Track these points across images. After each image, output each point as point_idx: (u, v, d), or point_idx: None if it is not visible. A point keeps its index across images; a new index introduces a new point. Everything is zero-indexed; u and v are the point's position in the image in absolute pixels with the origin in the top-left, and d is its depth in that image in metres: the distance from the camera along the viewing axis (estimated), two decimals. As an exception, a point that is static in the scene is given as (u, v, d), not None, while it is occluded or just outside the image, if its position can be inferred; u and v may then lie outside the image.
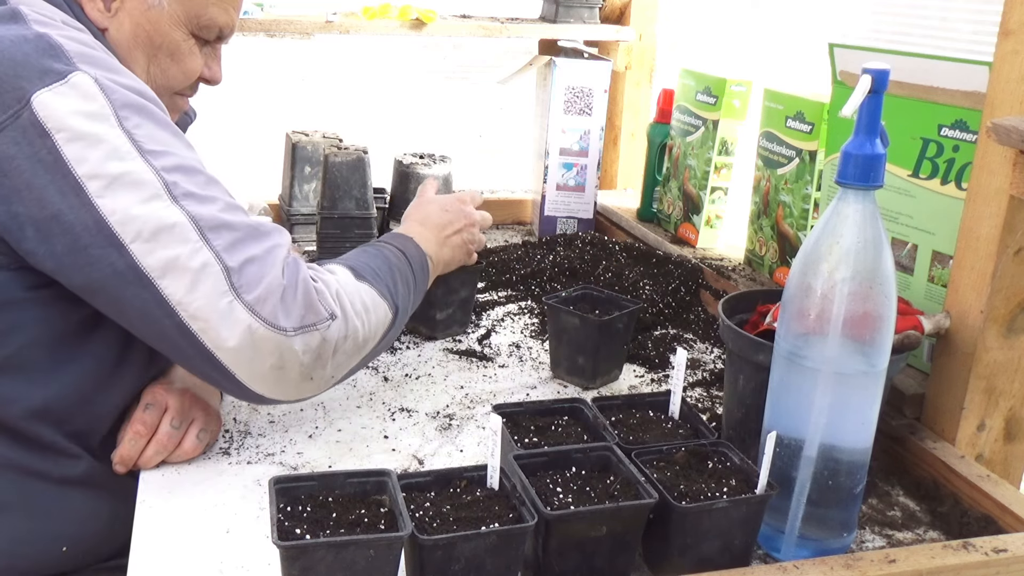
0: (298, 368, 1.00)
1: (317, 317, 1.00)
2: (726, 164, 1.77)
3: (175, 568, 0.92)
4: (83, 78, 0.96)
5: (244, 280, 0.96)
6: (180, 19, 1.14)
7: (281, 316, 0.98)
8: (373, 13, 1.94)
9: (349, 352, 1.05)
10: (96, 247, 0.94)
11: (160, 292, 0.95)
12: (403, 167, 1.89)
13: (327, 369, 1.03)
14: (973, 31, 3.15)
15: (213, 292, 0.95)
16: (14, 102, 0.93)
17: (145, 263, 0.94)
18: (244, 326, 0.96)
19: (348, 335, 1.04)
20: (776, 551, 0.98)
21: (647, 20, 2.14)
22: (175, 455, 1.09)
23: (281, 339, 0.97)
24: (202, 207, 0.97)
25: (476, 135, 3.96)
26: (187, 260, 0.95)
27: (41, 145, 0.93)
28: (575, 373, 1.34)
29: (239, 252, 0.97)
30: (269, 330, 0.97)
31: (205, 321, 0.95)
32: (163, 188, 0.96)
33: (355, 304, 1.06)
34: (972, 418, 1.13)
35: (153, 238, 0.94)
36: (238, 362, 0.98)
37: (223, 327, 0.96)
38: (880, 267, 0.89)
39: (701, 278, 1.66)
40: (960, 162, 1.18)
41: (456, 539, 0.82)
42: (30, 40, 0.96)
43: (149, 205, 0.95)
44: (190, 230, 0.96)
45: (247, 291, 0.96)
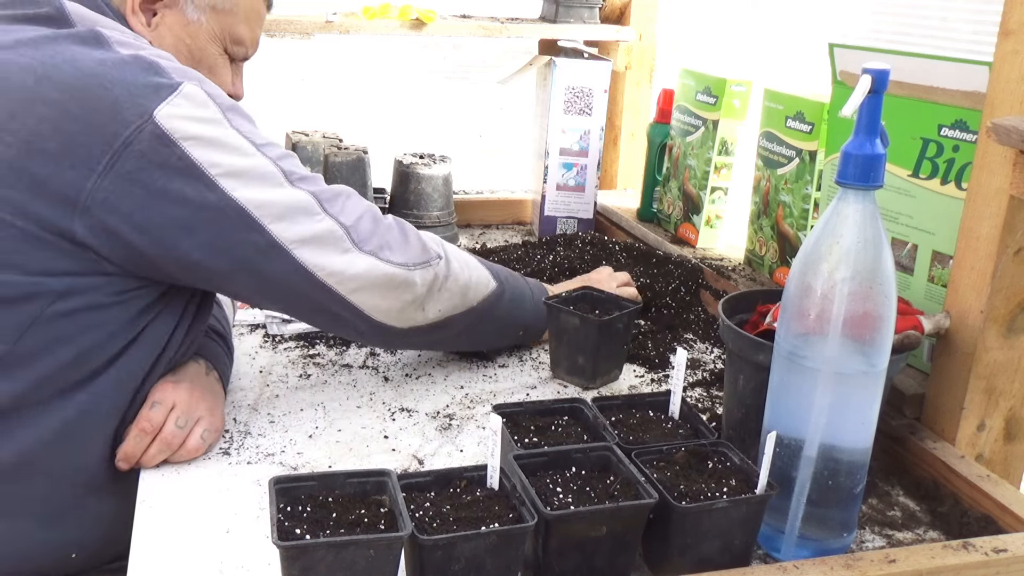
0: (416, 298, 1.17)
1: (428, 255, 1.18)
2: (726, 164, 1.77)
3: (175, 568, 0.92)
4: (192, 88, 1.04)
5: (362, 234, 1.12)
6: (216, 35, 1.22)
7: (401, 255, 1.15)
8: (373, 13, 1.94)
9: (452, 291, 1.21)
10: (239, 232, 1.04)
11: (298, 261, 1.07)
12: (403, 167, 1.89)
13: (434, 303, 1.20)
14: (973, 31, 3.15)
15: (341, 250, 1.10)
16: (136, 118, 1.00)
17: (283, 238, 1.06)
18: (372, 269, 1.11)
19: (450, 275, 1.20)
20: (776, 551, 0.98)
21: (647, 20, 2.14)
22: (178, 454, 1.09)
23: (406, 274, 1.14)
24: (313, 184, 1.11)
25: (476, 135, 3.96)
26: (316, 228, 1.08)
27: (170, 154, 1.01)
28: (575, 373, 1.34)
29: (351, 213, 1.12)
30: (394, 267, 1.13)
31: (340, 274, 1.10)
32: (282, 175, 1.08)
33: (456, 256, 1.23)
34: (972, 418, 1.13)
35: (285, 216, 1.06)
36: (369, 299, 1.13)
37: (356, 275, 1.10)
38: (880, 267, 0.89)
39: (701, 278, 1.66)
40: (960, 162, 1.18)
41: (456, 539, 0.82)
42: (130, 62, 1.03)
43: (277, 191, 1.07)
44: (314, 204, 1.09)
45: (366, 242, 1.12)
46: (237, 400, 1.25)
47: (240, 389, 1.28)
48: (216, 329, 1.26)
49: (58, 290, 1.01)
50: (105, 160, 0.99)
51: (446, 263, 1.20)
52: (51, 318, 1.01)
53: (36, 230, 0.99)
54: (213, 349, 1.22)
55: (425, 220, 1.90)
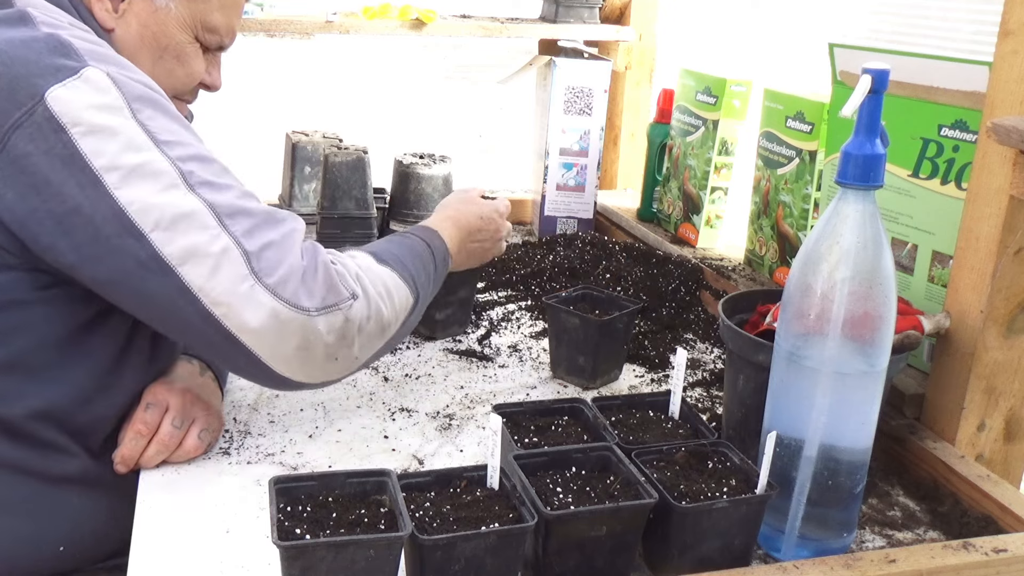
0: (323, 348, 1.01)
1: (339, 297, 1.01)
2: (726, 164, 1.77)
3: (175, 568, 0.92)
4: (95, 72, 0.96)
5: (264, 264, 0.97)
6: (186, 22, 1.15)
7: (303, 296, 0.99)
8: (373, 13, 1.94)
9: (373, 333, 1.06)
10: (116, 238, 0.95)
11: (181, 279, 0.95)
12: (403, 167, 1.89)
13: (352, 349, 1.04)
14: (973, 31, 3.16)
15: (234, 276, 0.96)
16: (28, 99, 0.94)
17: (166, 251, 0.95)
18: (267, 308, 0.97)
19: (371, 315, 1.04)
20: (776, 551, 0.98)
21: (647, 20, 2.14)
22: (176, 454, 1.09)
23: (304, 319, 0.98)
24: (219, 195, 0.98)
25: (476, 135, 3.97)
26: (207, 246, 0.96)
27: (56, 140, 0.94)
28: (575, 373, 1.34)
29: (257, 237, 0.98)
30: (292, 311, 0.98)
31: (228, 306, 0.96)
32: (179, 177, 0.97)
33: (376, 286, 1.07)
34: (972, 418, 1.13)
35: (172, 226, 0.95)
36: (262, 344, 0.98)
37: (246, 310, 0.96)
38: (880, 267, 0.89)
39: (701, 278, 1.66)
40: (960, 162, 1.18)
41: (456, 539, 0.82)
42: (40, 40, 0.97)
43: (167, 194, 0.96)
44: (209, 216, 0.97)
45: (267, 275, 0.97)
46: (237, 400, 1.25)
47: (240, 389, 1.28)
48: None
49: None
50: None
51: (364, 302, 1.04)
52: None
53: None
54: None
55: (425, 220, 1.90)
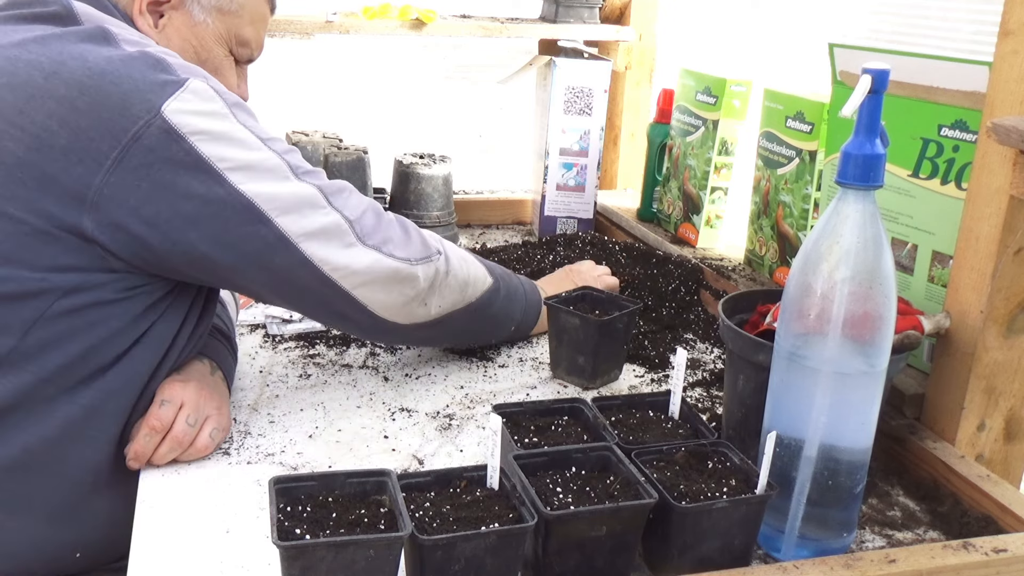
0: (419, 293, 1.18)
1: (430, 251, 1.19)
2: (726, 164, 1.77)
3: (175, 568, 0.92)
4: (199, 83, 1.04)
5: (366, 229, 1.12)
6: (222, 36, 1.23)
7: (406, 250, 1.16)
8: (373, 13, 1.94)
9: (452, 287, 1.23)
10: (247, 224, 1.05)
11: (304, 254, 1.08)
12: (403, 167, 1.89)
13: (435, 297, 1.21)
14: (973, 31, 3.15)
15: (346, 244, 1.11)
16: (144, 113, 1.00)
17: (290, 231, 1.07)
18: (376, 263, 1.12)
19: (451, 271, 1.22)
20: (776, 551, 0.98)
21: (647, 20, 2.14)
22: (188, 452, 1.09)
23: (408, 267, 1.15)
24: (318, 179, 1.11)
25: (476, 135, 3.97)
26: (322, 222, 1.09)
27: (179, 148, 1.01)
28: (575, 373, 1.34)
29: (355, 208, 1.13)
30: (397, 262, 1.14)
31: (345, 268, 1.10)
32: (288, 169, 1.08)
33: (455, 252, 1.24)
34: (972, 418, 1.13)
35: (292, 209, 1.07)
36: (375, 297, 1.14)
37: (360, 269, 1.11)
38: (880, 267, 0.89)
39: (701, 278, 1.66)
40: (960, 162, 1.18)
41: (456, 539, 0.82)
42: (137, 58, 1.04)
43: (284, 184, 1.07)
44: (320, 197, 1.10)
45: (370, 236, 1.13)
46: (237, 400, 1.25)
47: (240, 389, 1.28)
48: (220, 329, 1.26)
49: (64, 287, 1.02)
50: (114, 155, 0.99)
51: (446, 259, 1.21)
52: (57, 315, 1.02)
53: (45, 226, 1.00)
54: (218, 349, 1.23)
55: (425, 220, 1.90)
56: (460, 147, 2.43)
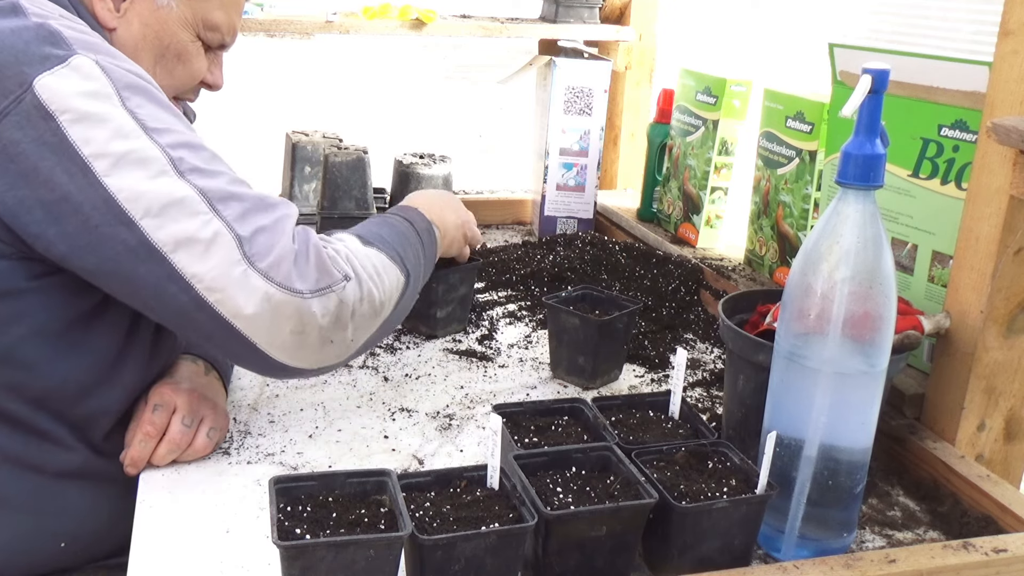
0: (317, 331, 1.01)
1: (331, 279, 1.01)
2: (726, 164, 1.77)
3: (175, 568, 0.92)
4: (84, 60, 0.96)
5: (256, 248, 0.97)
6: (188, 21, 1.15)
7: (296, 279, 0.98)
8: (373, 13, 1.94)
9: (367, 315, 1.06)
10: (107, 225, 0.94)
11: (174, 266, 0.95)
12: (403, 167, 1.89)
13: (347, 332, 1.04)
14: (973, 31, 3.16)
15: (227, 261, 0.95)
16: (16, 87, 0.94)
17: (156, 237, 0.94)
18: (261, 293, 0.96)
19: (363, 297, 1.04)
20: (776, 551, 0.98)
21: (647, 20, 2.14)
22: (186, 453, 1.09)
23: (299, 302, 0.98)
24: (209, 180, 0.98)
25: (476, 135, 3.97)
26: (198, 232, 0.95)
27: (45, 128, 0.93)
28: (575, 373, 1.34)
29: (249, 222, 0.98)
30: (286, 294, 0.97)
31: (222, 291, 0.95)
32: (169, 164, 0.96)
33: (366, 267, 1.06)
34: (972, 418, 1.13)
35: (163, 212, 0.94)
36: (257, 329, 0.98)
37: (240, 295, 0.96)
38: (880, 267, 0.89)
39: (701, 278, 1.66)
40: (960, 162, 1.18)
41: (456, 539, 0.82)
42: (30, 28, 0.97)
43: (157, 181, 0.95)
44: (199, 202, 0.96)
45: (260, 259, 0.97)
46: (237, 400, 1.25)
47: (240, 389, 1.28)
48: None
49: None
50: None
51: (356, 284, 1.03)
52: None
53: None
54: None
55: (425, 220, 1.90)
56: (460, 147, 2.43)
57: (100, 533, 1.10)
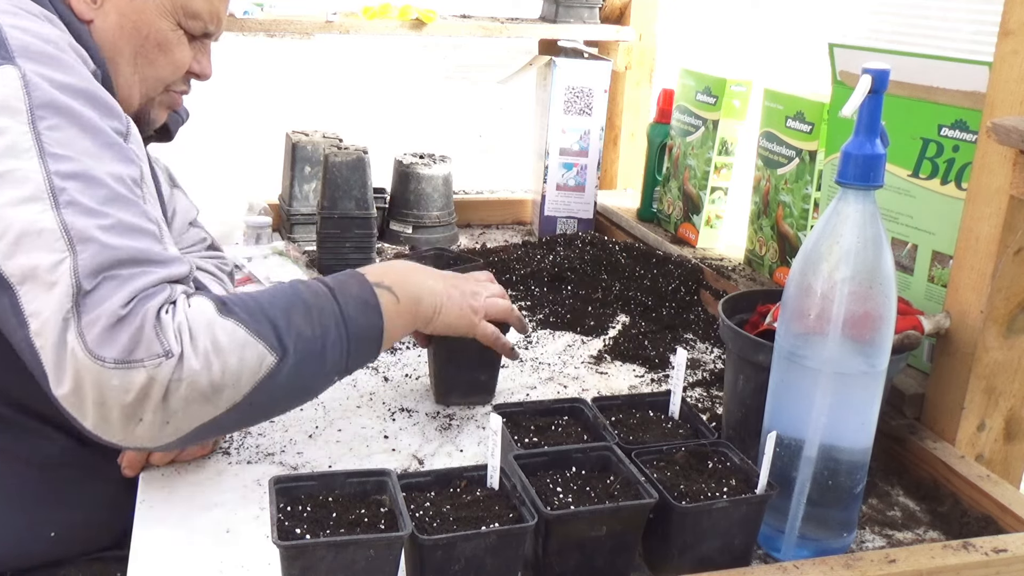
0: (120, 407, 0.88)
1: (147, 352, 0.88)
2: (726, 164, 1.77)
3: (175, 568, 0.92)
4: (9, 71, 0.92)
5: (88, 305, 0.87)
6: (166, 8, 1.13)
7: (103, 345, 0.87)
8: (373, 13, 1.94)
9: (190, 398, 0.90)
10: None
11: (18, 299, 0.88)
12: (403, 167, 1.89)
13: (160, 414, 0.90)
14: (973, 31, 3.15)
15: (58, 309, 0.87)
16: None
17: (5, 266, 0.89)
18: (69, 350, 0.87)
19: (184, 378, 0.89)
20: (776, 551, 0.98)
21: (647, 20, 2.14)
22: (185, 453, 1.09)
23: (99, 371, 0.87)
24: (83, 219, 0.90)
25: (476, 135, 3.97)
26: (47, 270, 0.88)
27: None
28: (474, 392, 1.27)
29: (101, 273, 0.89)
30: (87, 358, 0.87)
31: (45, 339, 0.87)
32: (47, 191, 0.89)
33: (199, 346, 0.91)
34: (972, 418, 1.13)
35: (17, 241, 0.88)
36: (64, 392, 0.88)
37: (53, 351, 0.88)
38: (880, 267, 0.89)
39: (701, 278, 1.66)
40: (960, 162, 1.18)
41: (456, 539, 0.82)
42: None
43: (23, 207, 0.89)
44: (58, 239, 0.88)
45: (87, 312, 0.87)
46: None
47: (240, 389, 1.28)
48: None
49: None
50: None
51: (177, 363, 0.88)
52: None
53: None
54: None
55: (425, 220, 1.90)
56: (460, 147, 2.43)
57: (92, 523, 1.09)
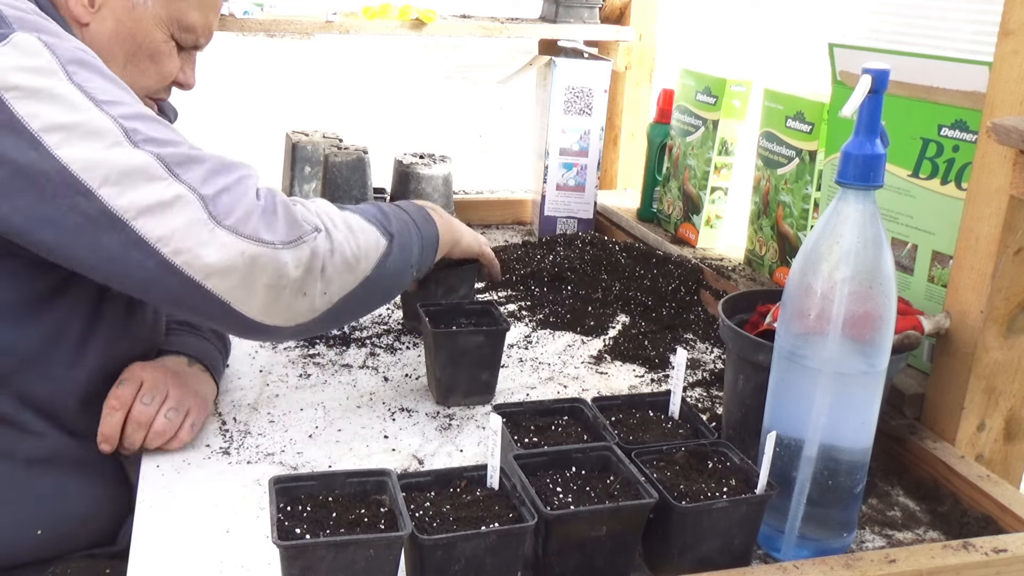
0: (291, 284, 0.98)
1: (301, 230, 0.99)
2: (726, 164, 1.77)
3: (175, 568, 0.92)
4: (25, 37, 0.95)
5: (221, 207, 0.95)
6: (163, 20, 1.15)
7: (265, 231, 0.97)
8: (373, 13, 1.94)
9: (339, 268, 1.03)
10: (63, 197, 0.93)
11: (137, 232, 0.93)
12: (403, 167, 1.89)
13: (319, 284, 1.01)
14: (973, 31, 3.16)
15: (192, 222, 0.94)
16: None
17: (117, 205, 0.93)
18: (231, 248, 0.95)
19: (334, 249, 1.02)
20: (776, 551, 0.98)
21: (647, 20, 2.14)
22: (170, 443, 1.09)
23: (271, 252, 0.96)
24: (166, 148, 0.96)
25: (476, 135, 3.97)
26: (160, 196, 0.94)
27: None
28: (475, 393, 1.28)
29: (211, 183, 0.96)
30: (257, 246, 0.96)
31: (189, 252, 0.94)
32: (123, 135, 0.95)
33: (337, 222, 1.04)
34: (972, 418, 1.13)
35: (121, 180, 0.93)
36: (230, 287, 0.96)
37: (209, 253, 0.94)
38: (880, 267, 0.89)
39: (701, 278, 1.66)
40: (960, 162, 1.18)
41: (456, 539, 0.82)
42: None
43: (112, 151, 0.94)
44: (158, 168, 0.95)
45: (226, 216, 0.95)
46: (237, 400, 1.25)
47: (240, 389, 1.28)
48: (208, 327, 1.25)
49: None
50: None
51: (327, 236, 1.02)
52: None
53: None
54: (197, 344, 1.22)
55: (425, 220, 1.90)
56: (460, 147, 2.43)
57: (81, 519, 1.09)
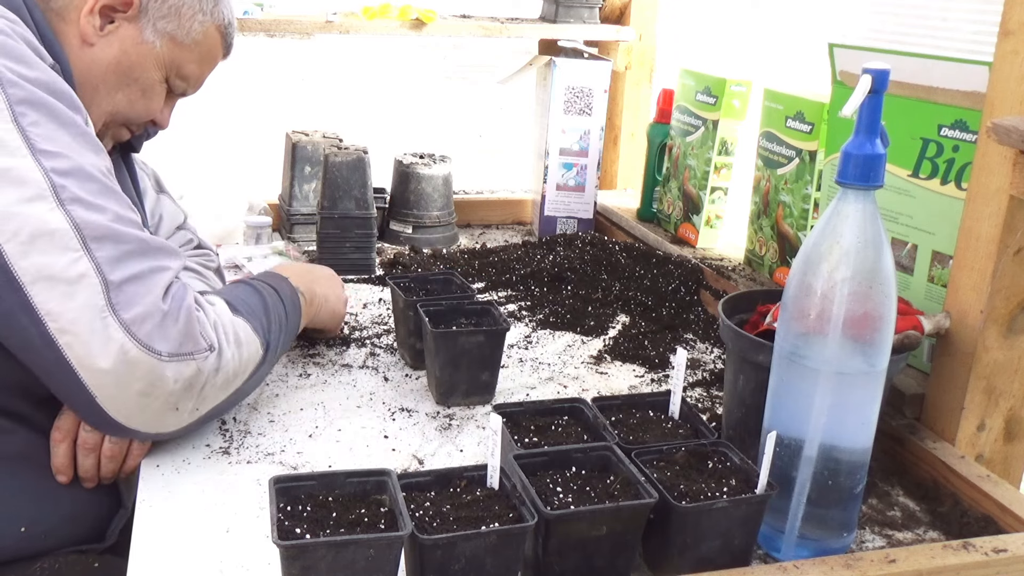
0: (165, 397, 0.96)
1: (195, 346, 0.97)
2: (726, 164, 1.77)
3: (175, 567, 0.92)
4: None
5: (122, 298, 0.92)
6: (164, 63, 1.17)
7: (157, 340, 0.93)
8: (373, 13, 1.94)
9: (218, 386, 1.02)
10: None
11: (29, 299, 0.90)
12: (403, 167, 1.89)
13: (192, 402, 1.00)
14: (973, 31, 3.15)
15: (87, 306, 0.91)
16: None
17: (17, 266, 0.90)
18: (117, 346, 0.91)
19: (220, 368, 1.01)
20: (776, 551, 0.98)
21: (647, 20, 2.14)
22: (125, 465, 1.07)
23: (152, 363, 0.93)
24: (90, 214, 0.93)
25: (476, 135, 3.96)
26: (64, 269, 0.91)
27: None
28: (475, 393, 1.27)
29: (123, 267, 0.93)
30: (143, 352, 0.92)
31: (75, 336, 0.91)
32: (49, 189, 0.91)
33: (230, 337, 1.03)
34: (972, 418, 1.13)
35: (31, 241, 0.90)
36: (103, 384, 0.93)
37: (94, 344, 0.91)
38: (880, 267, 0.89)
39: (701, 278, 1.66)
40: (960, 162, 1.18)
41: (456, 539, 0.82)
42: None
43: (31, 205, 0.91)
44: (72, 237, 0.91)
45: (124, 309, 0.92)
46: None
47: (240, 389, 1.28)
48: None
49: None
50: None
51: (217, 356, 1.00)
52: None
53: None
54: None
55: (425, 220, 1.90)
56: (460, 147, 2.43)
57: (65, 517, 1.08)
